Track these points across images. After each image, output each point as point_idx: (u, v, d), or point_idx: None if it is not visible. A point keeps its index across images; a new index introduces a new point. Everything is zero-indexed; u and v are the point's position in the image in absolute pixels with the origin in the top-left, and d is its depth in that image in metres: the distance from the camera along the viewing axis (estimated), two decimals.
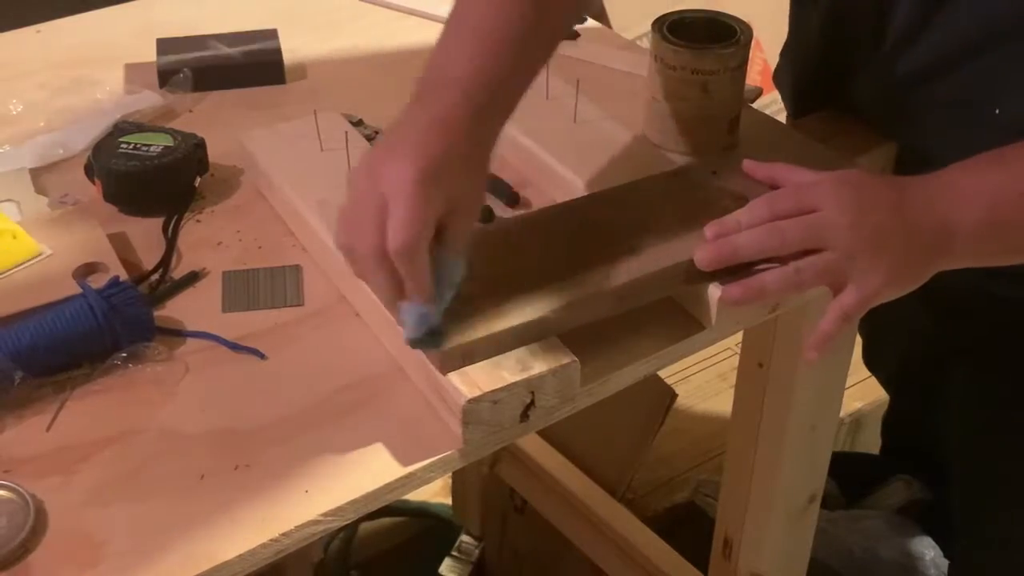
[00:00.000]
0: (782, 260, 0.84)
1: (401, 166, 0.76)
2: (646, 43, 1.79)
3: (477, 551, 1.83)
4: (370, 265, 0.77)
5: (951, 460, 1.39)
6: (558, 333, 0.82)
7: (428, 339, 0.78)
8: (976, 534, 1.33)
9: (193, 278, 0.95)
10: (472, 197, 0.82)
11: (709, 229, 0.86)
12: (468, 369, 0.79)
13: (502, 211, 1.02)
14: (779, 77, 1.30)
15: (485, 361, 0.80)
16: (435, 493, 1.91)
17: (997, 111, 0.96)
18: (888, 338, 1.44)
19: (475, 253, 0.83)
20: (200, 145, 1.05)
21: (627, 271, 0.85)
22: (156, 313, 0.90)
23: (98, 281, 0.89)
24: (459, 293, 0.80)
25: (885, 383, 1.59)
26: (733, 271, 0.85)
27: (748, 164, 0.94)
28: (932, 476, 1.56)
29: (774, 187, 0.91)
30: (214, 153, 1.07)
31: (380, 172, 0.78)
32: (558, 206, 0.93)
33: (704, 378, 1.84)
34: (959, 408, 1.32)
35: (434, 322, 0.78)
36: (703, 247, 0.85)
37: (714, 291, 0.87)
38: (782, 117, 2.22)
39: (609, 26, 1.92)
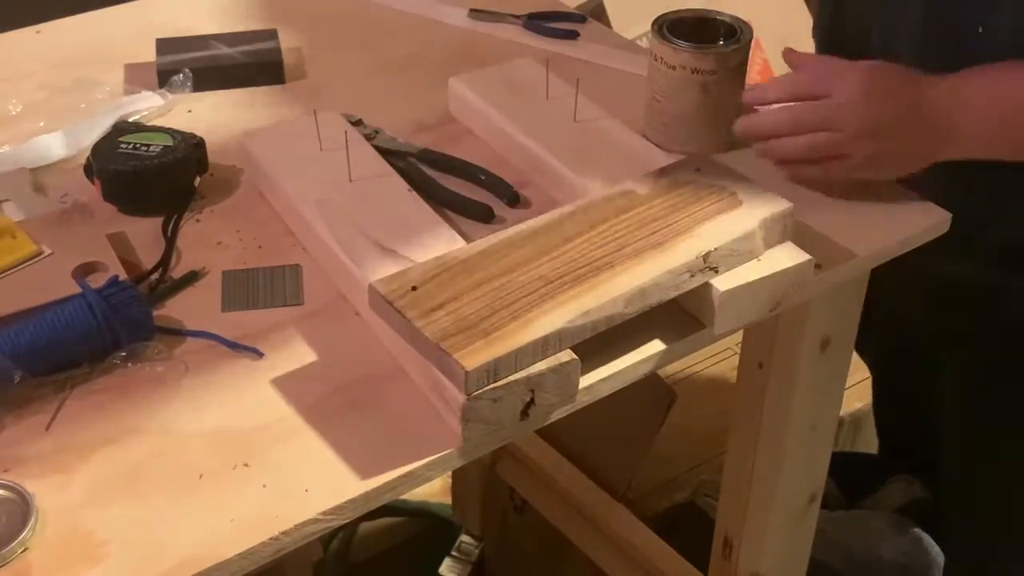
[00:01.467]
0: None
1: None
2: (646, 43, 1.80)
3: (477, 551, 1.83)
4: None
5: (941, 447, 1.39)
6: (576, 342, 0.82)
7: None
8: (966, 515, 1.34)
9: (193, 277, 0.95)
10: None
11: (746, 96, 1.03)
12: None
13: (502, 211, 1.02)
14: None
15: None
16: (435, 493, 1.91)
17: (980, 29, 1.02)
18: (877, 320, 1.44)
19: (480, 264, 0.83)
20: (200, 145, 1.05)
21: (633, 276, 0.85)
22: (155, 312, 0.90)
23: (97, 281, 0.89)
24: None
25: (872, 366, 1.59)
26: None
27: (787, 51, 1.03)
28: (932, 476, 1.56)
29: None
30: (214, 153, 1.07)
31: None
32: (554, 213, 0.93)
33: (704, 378, 1.83)
34: (951, 394, 1.33)
35: None
36: (741, 118, 1.03)
37: (715, 290, 0.88)
38: None
39: (609, 26, 1.92)
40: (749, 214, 0.90)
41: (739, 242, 0.89)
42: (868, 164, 0.98)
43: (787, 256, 0.91)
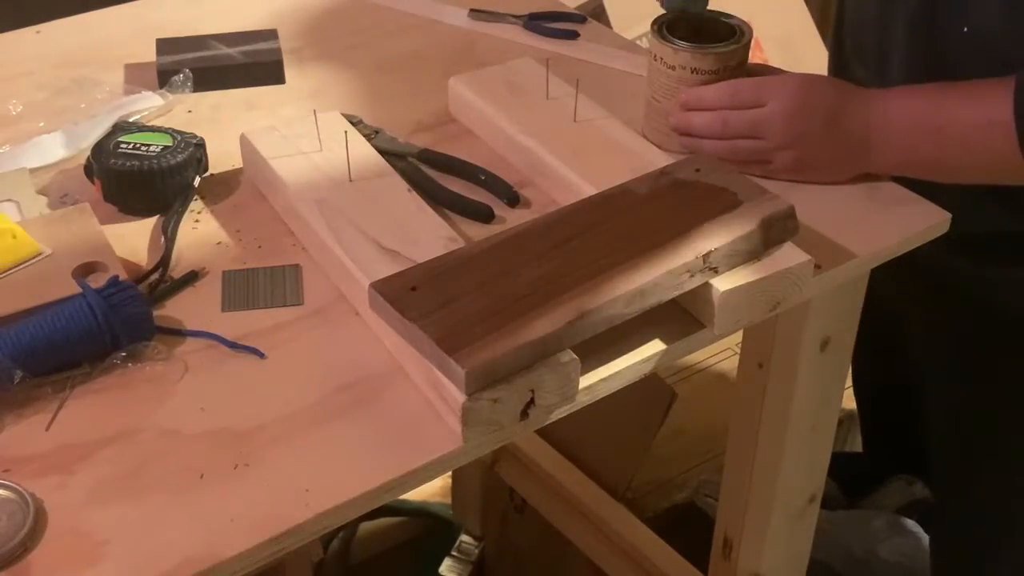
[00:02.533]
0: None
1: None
2: (646, 43, 1.80)
3: (477, 551, 1.83)
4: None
5: (930, 441, 1.39)
6: (576, 343, 0.82)
7: None
8: (961, 512, 1.35)
9: (193, 277, 0.95)
10: None
11: (683, 95, 1.05)
12: None
13: (502, 211, 1.02)
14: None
15: None
16: (435, 493, 1.91)
17: (965, 29, 1.04)
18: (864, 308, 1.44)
19: (480, 264, 0.83)
20: (200, 145, 1.05)
21: (632, 276, 0.85)
22: (156, 312, 0.90)
23: (98, 281, 0.89)
24: None
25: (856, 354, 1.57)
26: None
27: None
28: (917, 471, 1.56)
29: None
30: (214, 153, 1.07)
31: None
32: (554, 213, 0.93)
33: (704, 378, 1.83)
34: (940, 390, 1.33)
35: None
36: (673, 116, 1.07)
37: (715, 291, 0.88)
38: None
39: (609, 26, 1.92)
40: (749, 214, 0.90)
41: (739, 242, 0.89)
42: (787, 171, 1.04)
43: (787, 256, 0.91)
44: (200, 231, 1.01)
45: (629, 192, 0.93)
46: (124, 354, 0.86)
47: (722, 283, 0.88)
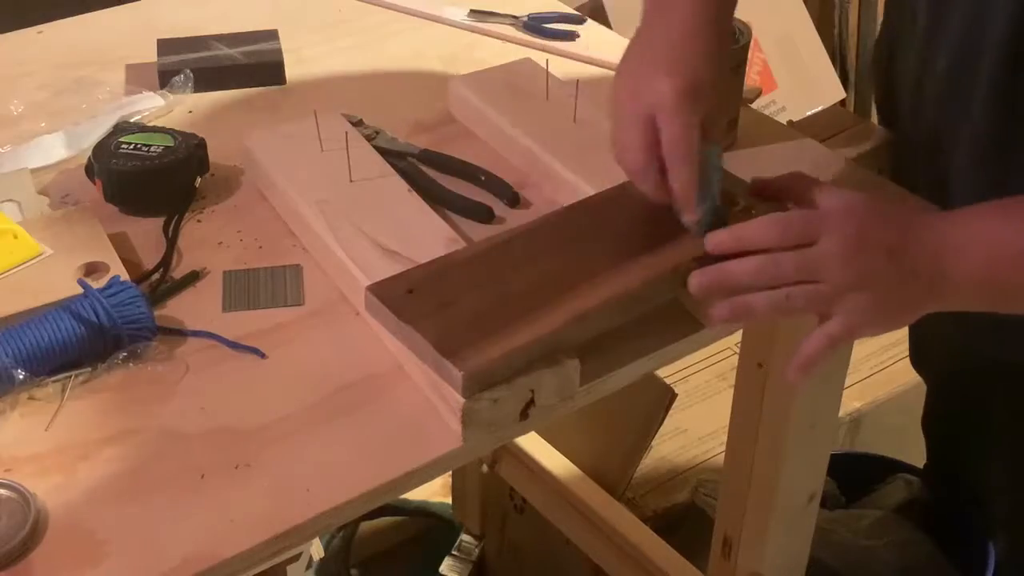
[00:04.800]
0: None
1: (664, 82, 0.86)
2: None
3: (477, 551, 1.83)
4: (647, 176, 0.88)
5: (991, 485, 1.38)
6: (573, 345, 0.82)
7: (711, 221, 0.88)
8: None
9: (194, 278, 0.95)
10: (718, 88, 0.90)
11: (713, 238, 0.86)
12: None
13: (502, 211, 1.02)
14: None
15: None
16: (435, 492, 1.91)
17: None
18: (933, 344, 1.42)
19: (478, 266, 0.83)
20: (200, 145, 1.05)
21: (631, 278, 0.85)
22: (157, 312, 0.90)
23: (99, 281, 0.89)
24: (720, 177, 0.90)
25: (928, 388, 1.53)
26: None
27: (757, 183, 0.93)
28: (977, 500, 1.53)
29: (782, 202, 0.91)
30: (214, 153, 1.07)
31: (645, 90, 0.87)
32: (554, 214, 0.93)
33: (704, 378, 1.84)
34: (999, 434, 1.32)
35: (707, 208, 0.88)
36: (698, 272, 0.85)
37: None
38: (782, 117, 2.23)
39: (609, 26, 1.92)
40: (748, 214, 0.91)
41: None
42: (860, 318, 0.84)
43: None
44: (201, 231, 1.01)
45: (629, 192, 0.93)
46: (125, 354, 0.86)
47: None
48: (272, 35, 1.27)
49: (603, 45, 1.30)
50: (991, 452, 1.37)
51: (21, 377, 0.82)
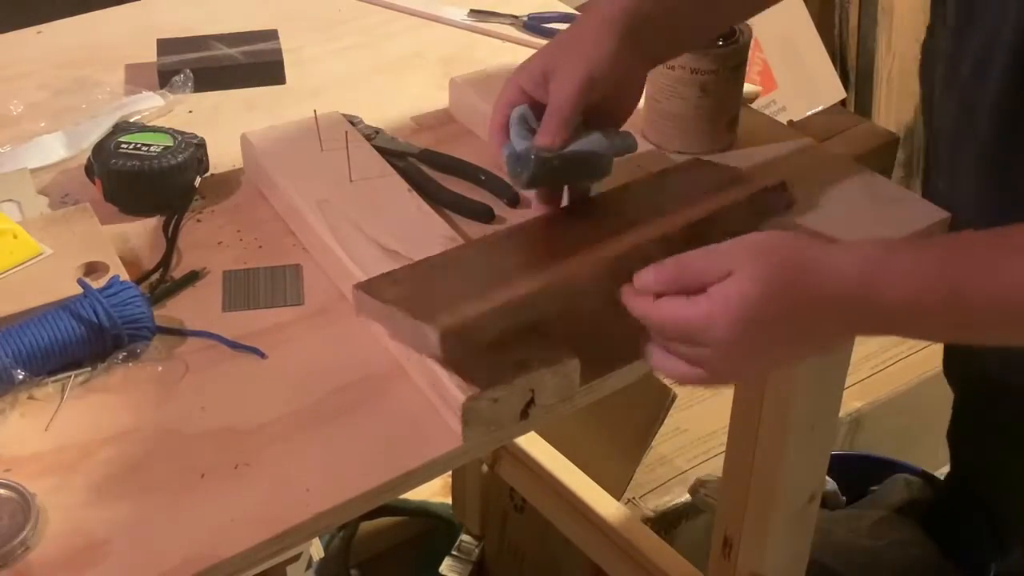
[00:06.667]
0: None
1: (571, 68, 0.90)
2: None
3: (477, 551, 1.83)
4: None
5: (1014, 498, 1.38)
6: (552, 314, 0.82)
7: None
8: None
9: (193, 277, 0.95)
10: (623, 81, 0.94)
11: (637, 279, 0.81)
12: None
13: (502, 211, 1.02)
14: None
15: (485, 359, 0.80)
16: (435, 492, 1.91)
17: None
18: (964, 356, 1.42)
19: (463, 259, 0.83)
20: (200, 145, 1.05)
21: (606, 253, 0.85)
22: (156, 312, 0.90)
23: (98, 281, 0.89)
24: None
25: (955, 398, 1.51)
26: None
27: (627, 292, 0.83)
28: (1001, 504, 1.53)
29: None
30: (214, 153, 1.07)
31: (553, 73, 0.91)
32: (552, 213, 0.93)
33: None
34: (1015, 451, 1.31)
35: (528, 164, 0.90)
36: (629, 290, 0.82)
37: None
38: (782, 117, 2.23)
39: None
40: (747, 214, 0.91)
41: (731, 221, 0.89)
42: (715, 381, 0.82)
43: None
44: (201, 231, 1.01)
45: (629, 192, 0.94)
46: (125, 354, 0.86)
47: None
48: (272, 35, 1.27)
49: None
50: (1017, 466, 1.37)
51: (21, 377, 0.82)
